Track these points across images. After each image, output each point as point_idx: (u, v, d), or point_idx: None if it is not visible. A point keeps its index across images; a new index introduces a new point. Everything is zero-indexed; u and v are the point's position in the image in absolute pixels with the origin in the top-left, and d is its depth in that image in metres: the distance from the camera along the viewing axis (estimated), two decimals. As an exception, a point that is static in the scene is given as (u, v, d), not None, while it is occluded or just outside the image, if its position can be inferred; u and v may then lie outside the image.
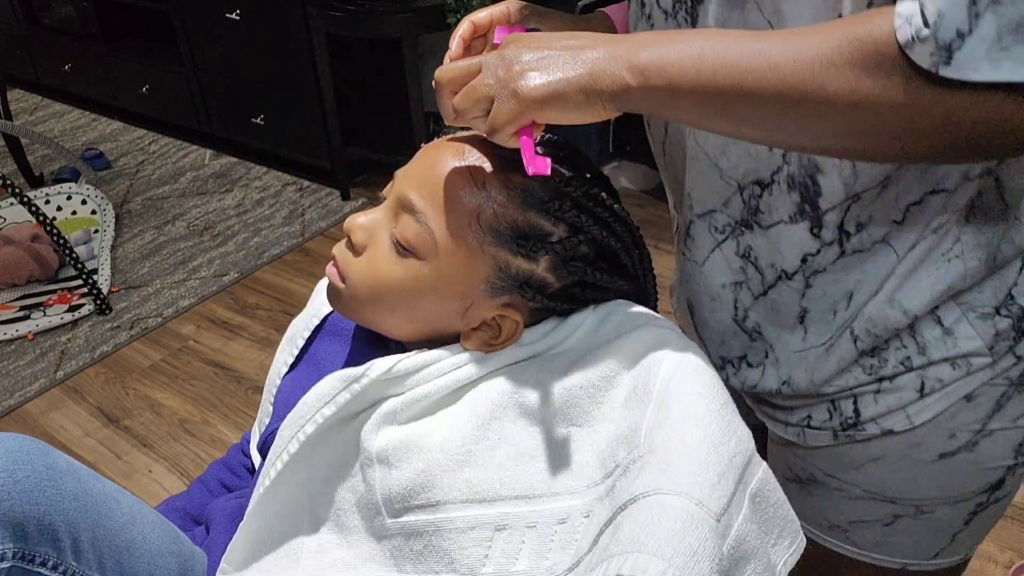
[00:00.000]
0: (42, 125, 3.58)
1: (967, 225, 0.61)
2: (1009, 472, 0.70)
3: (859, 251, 0.63)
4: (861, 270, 0.64)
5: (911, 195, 0.60)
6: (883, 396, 0.68)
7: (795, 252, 0.66)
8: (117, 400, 2.00)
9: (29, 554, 0.67)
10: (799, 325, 0.70)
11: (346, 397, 0.69)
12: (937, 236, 0.61)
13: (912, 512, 0.73)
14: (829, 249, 0.64)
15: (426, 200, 0.66)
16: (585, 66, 0.55)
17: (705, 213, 0.71)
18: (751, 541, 0.59)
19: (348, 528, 0.71)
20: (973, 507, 0.72)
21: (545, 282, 0.67)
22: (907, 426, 0.68)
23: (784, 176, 0.64)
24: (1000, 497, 0.72)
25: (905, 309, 0.64)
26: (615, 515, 0.57)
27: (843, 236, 0.63)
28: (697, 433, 0.59)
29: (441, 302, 0.68)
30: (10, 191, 2.16)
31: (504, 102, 0.56)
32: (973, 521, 0.73)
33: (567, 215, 0.66)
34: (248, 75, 2.87)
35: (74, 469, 0.72)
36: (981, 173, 0.59)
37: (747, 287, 0.71)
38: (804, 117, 0.51)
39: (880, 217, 0.61)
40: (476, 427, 0.66)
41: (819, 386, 0.71)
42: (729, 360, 0.78)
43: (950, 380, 0.65)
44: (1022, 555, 1.47)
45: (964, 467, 0.69)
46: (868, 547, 0.76)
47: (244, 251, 2.57)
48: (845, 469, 0.74)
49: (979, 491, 0.71)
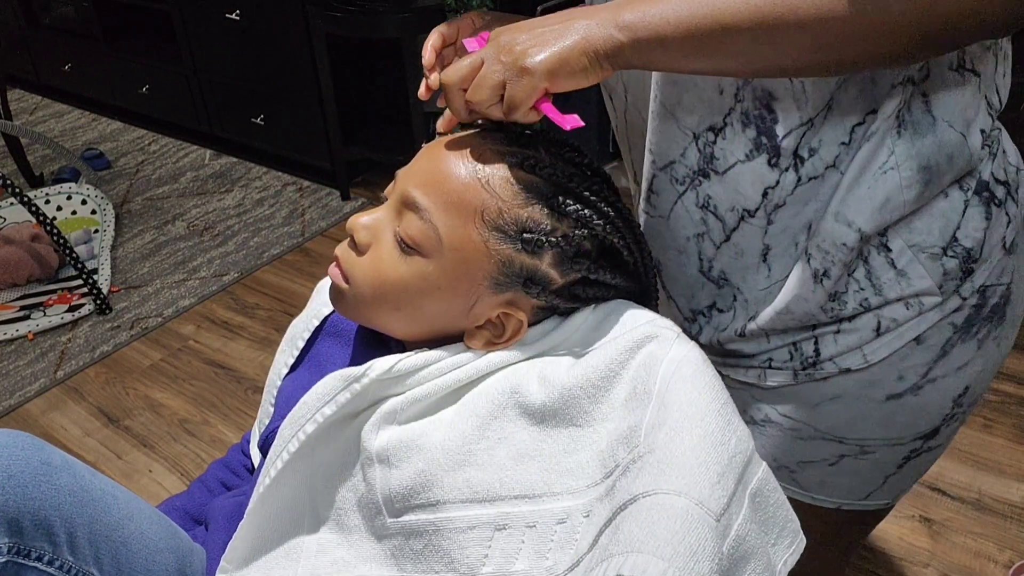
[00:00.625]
0: (42, 125, 3.58)
1: (899, 138, 0.66)
2: (944, 422, 0.77)
3: (813, 177, 0.68)
4: (816, 199, 0.69)
5: (854, 115, 0.66)
6: (842, 336, 0.73)
7: (756, 188, 0.70)
8: (117, 400, 2.00)
9: (24, 549, 0.67)
10: (763, 263, 0.74)
11: (346, 396, 0.69)
12: (872, 148, 0.66)
13: (856, 452, 0.79)
14: (787, 177, 0.69)
15: (430, 197, 0.67)
16: (578, 33, 0.61)
17: (666, 165, 0.75)
18: (751, 541, 0.59)
19: (348, 527, 0.71)
20: (908, 452, 0.78)
21: (549, 278, 0.67)
22: (863, 364, 0.73)
23: (737, 116, 0.69)
24: (933, 447, 0.79)
25: (849, 222, 0.68)
26: (615, 515, 0.57)
27: (798, 161, 0.68)
28: (697, 433, 0.59)
29: (445, 300, 0.68)
30: (10, 191, 2.16)
31: (517, 81, 0.62)
32: (905, 466, 0.80)
33: (571, 211, 0.66)
34: (248, 75, 2.87)
35: (70, 464, 0.72)
36: (903, 82, 0.64)
37: (709, 237, 0.76)
38: (780, 40, 0.57)
39: (829, 139, 0.67)
40: (476, 427, 0.66)
41: (782, 315, 0.74)
42: (700, 311, 0.82)
43: (904, 320, 0.71)
44: (1022, 555, 1.47)
45: (908, 410, 0.75)
46: (810, 487, 0.82)
47: (244, 251, 2.57)
48: (801, 408, 0.78)
49: (916, 436, 0.77)
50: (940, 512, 1.56)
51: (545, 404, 0.65)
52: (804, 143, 0.67)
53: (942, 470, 1.65)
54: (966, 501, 1.58)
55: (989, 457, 1.68)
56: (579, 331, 0.70)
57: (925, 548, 1.50)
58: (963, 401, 0.76)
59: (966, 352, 0.73)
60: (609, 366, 0.65)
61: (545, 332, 0.70)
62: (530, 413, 0.66)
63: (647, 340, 0.66)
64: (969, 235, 0.69)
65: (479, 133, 0.70)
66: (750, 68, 0.62)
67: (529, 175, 0.66)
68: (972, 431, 1.74)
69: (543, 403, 0.65)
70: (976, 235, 0.69)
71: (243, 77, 2.90)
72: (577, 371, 0.66)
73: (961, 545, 1.50)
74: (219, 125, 3.14)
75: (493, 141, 0.68)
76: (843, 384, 0.75)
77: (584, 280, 0.69)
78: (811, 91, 0.65)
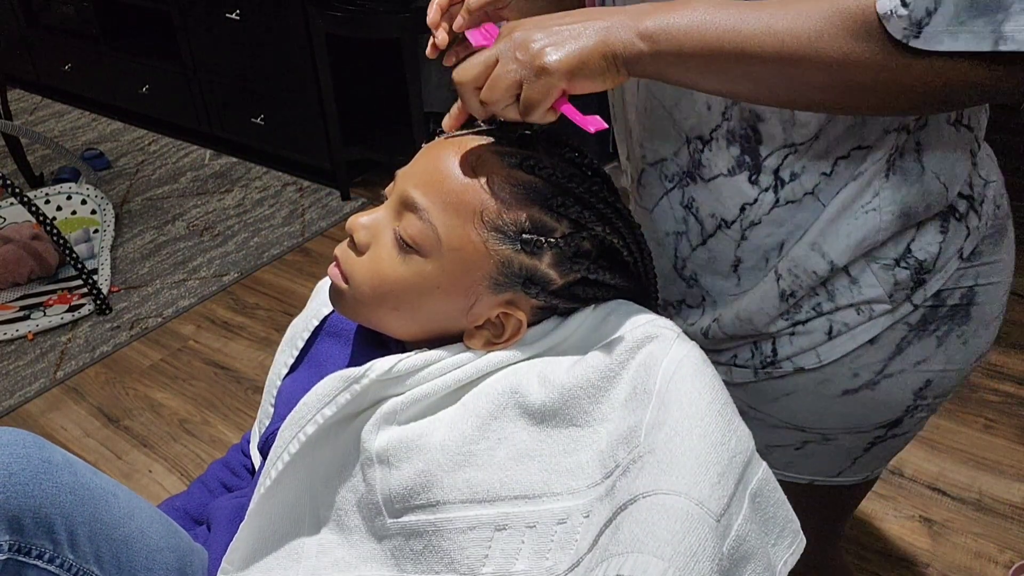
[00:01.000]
0: (42, 125, 3.58)
1: (886, 182, 0.68)
2: (908, 413, 0.78)
3: (791, 201, 0.70)
4: (792, 223, 0.71)
5: (840, 149, 0.68)
6: (797, 338, 0.76)
7: (735, 201, 0.72)
8: (117, 400, 2.00)
9: (25, 547, 0.67)
10: (733, 273, 0.77)
11: (346, 397, 0.69)
12: (859, 188, 0.68)
13: (818, 439, 0.81)
14: (765, 196, 0.71)
15: (429, 197, 0.66)
16: (598, 34, 0.60)
17: (657, 161, 0.77)
18: (751, 541, 0.59)
19: (349, 528, 0.71)
20: (872, 438, 0.81)
21: (548, 279, 0.67)
22: (816, 364, 0.76)
23: (723, 132, 0.70)
24: (899, 433, 0.81)
25: (824, 253, 0.71)
26: (615, 515, 0.57)
27: (778, 183, 0.70)
28: (697, 433, 0.59)
29: (445, 300, 0.68)
30: (10, 191, 2.16)
31: (534, 81, 0.60)
32: (872, 449, 0.82)
33: (570, 211, 0.66)
34: (248, 75, 2.87)
35: (70, 463, 0.72)
36: (899, 128, 0.66)
37: (687, 238, 0.78)
38: (797, 76, 0.58)
39: (812, 168, 0.69)
40: (476, 427, 0.66)
41: (744, 323, 0.77)
42: (670, 303, 0.85)
43: (855, 324, 0.73)
44: (1022, 555, 1.47)
45: (865, 403, 0.77)
46: (781, 467, 0.85)
47: (244, 251, 2.57)
48: (763, 402, 0.82)
49: (877, 426, 0.79)
50: (940, 512, 1.56)
51: (545, 404, 0.65)
52: (786, 166, 0.69)
53: (942, 470, 1.65)
54: (966, 501, 1.58)
55: (989, 457, 1.68)
56: (579, 331, 0.70)
57: (925, 548, 1.50)
58: (926, 394, 0.77)
59: (924, 349, 0.74)
60: (609, 366, 0.65)
61: (545, 332, 0.70)
62: (530, 413, 0.66)
63: (647, 340, 0.66)
64: (923, 248, 0.70)
65: (479, 133, 0.70)
66: (760, 96, 0.62)
67: (528, 176, 0.66)
68: (972, 431, 1.74)
69: (543, 403, 0.65)
70: (931, 248, 0.70)
71: (243, 77, 2.90)
72: (577, 371, 0.66)
73: (961, 545, 1.50)
74: (219, 125, 3.14)
75: (492, 142, 0.68)
76: (799, 381, 0.77)
77: (584, 280, 0.69)
78: (800, 118, 0.67)
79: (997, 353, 1.92)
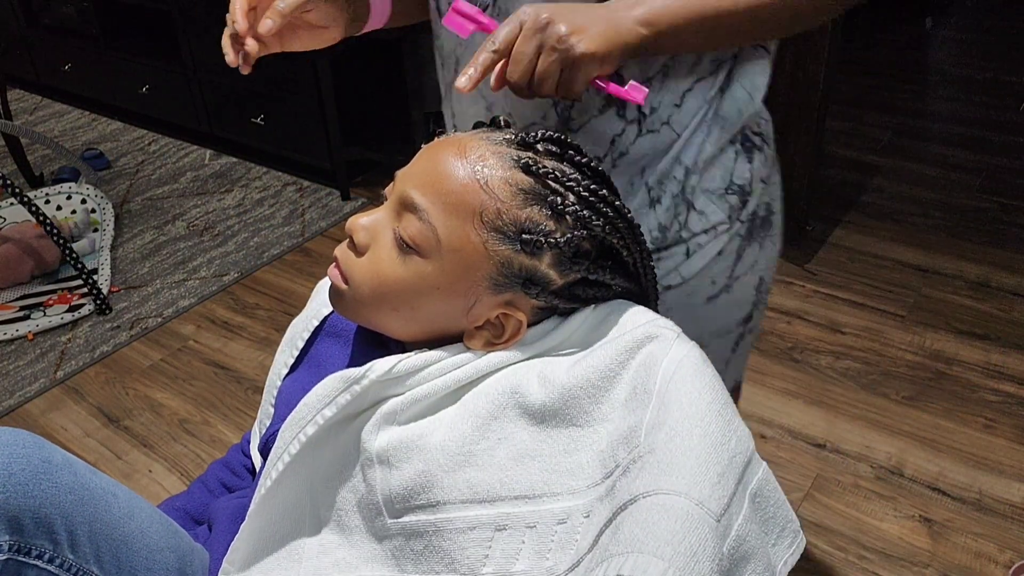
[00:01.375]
0: (42, 125, 3.58)
1: (720, 107, 0.83)
2: (754, 307, 0.96)
3: (651, 131, 0.82)
4: (653, 150, 0.83)
5: (684, 83, 0.80)
6: (662, 262, 0.88)
7: (605, 137, 0.82)
8: (117, 400, 2.00)
9: (25, 547, 0.67)
10: None
11: (347, 398, 0.69)
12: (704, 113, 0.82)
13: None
14: (631, 128, 0.81)
15: (428, 198, 0.66)
16: (611, 25, 0.69)
17: (527, 127, 0.83)
18: (751, 541, 0.59)
19: (349, 528, 0.71)
20: (736, 338, 0.97)
21: (548, 279, 0.67)
22: (680, 281, 0.89)
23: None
24: (752, 329, 0.98)
25: (680, 160, 0.84)
26: (615, 515, 0.57)
27: (641, 116, 0.81)
28: (697, 433, 0.59)
29: (444, 300, 0.68)
30: (10, 191, 2.16)
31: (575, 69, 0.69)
32: (737, 349, 0.98)
33: (569, 211, 0.66)
34: (248, 75, 2.87)
35: (70, 463, 0.72)
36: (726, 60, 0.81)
37: None
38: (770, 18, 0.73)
39: (666, 102, 0.81)
40: (476, 427, 0.66)
41: None
42: None
43: (705, 243, 0.88)
44: (1022, 555, 1.47)
45: (725, 306, 0.93)
46: None
47: (244, 251, 2.57)
48: None
49: (737, 324, 0.95)
50: (940, 512, 1.56)
51: (545, 404, 0.65)
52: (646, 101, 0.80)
53: (942, 470, 1.65)
54: (966, 501, 1.58)
55: (989, 457, 1.68)
56: (579, 331, 0.70)
57: (925, 548, 1.50)
58: (762, 289, 0.95)
59: (753, 253, 0.91)
60: (609, 366, 0.65)
61: (545, 332, 0.70)
62: (530, 413, 0.66)
63: (647, 340, 0.66)
64: (741, 176, 0.87)
65: (479, 133, 0.70)
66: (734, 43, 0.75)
67: (528, 176, 0.66)
68: (972, 431, 1.74)
69: (543, 403, 0.65)
70: (745, 176, 0.87)
71: (243, 77, 2.89)
72: (577, 371, 0.66)
73: (961, 545, 1.50)
74: (219, 125, 3.14)
75: (492, 142, 0.68)
76: (670, 298, 0.90)
77: (583, 280, 0.69)
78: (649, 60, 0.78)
79: (997, 353, 1.92)
